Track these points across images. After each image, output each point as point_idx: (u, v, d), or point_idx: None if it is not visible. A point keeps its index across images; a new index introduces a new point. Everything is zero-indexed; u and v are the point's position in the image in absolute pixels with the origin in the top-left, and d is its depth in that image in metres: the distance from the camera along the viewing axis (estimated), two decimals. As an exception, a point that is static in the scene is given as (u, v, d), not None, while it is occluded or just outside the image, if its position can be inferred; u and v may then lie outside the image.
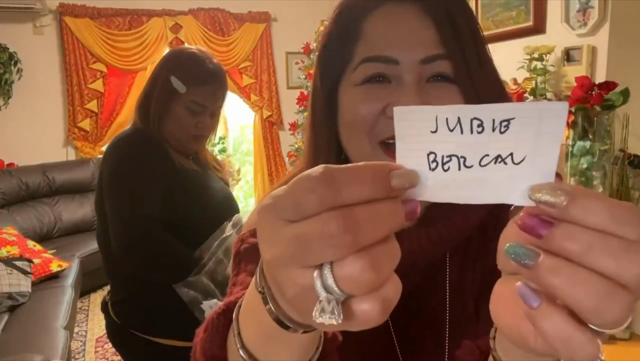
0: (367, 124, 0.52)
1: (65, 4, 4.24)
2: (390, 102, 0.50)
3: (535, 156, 0.30)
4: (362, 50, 0.52)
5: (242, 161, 5.92)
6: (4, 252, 3.06)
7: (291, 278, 0.28)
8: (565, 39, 3.04)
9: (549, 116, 0.29)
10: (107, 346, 2.98)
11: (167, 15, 4.60)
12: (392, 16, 0.51)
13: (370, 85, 0.52)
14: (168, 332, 1.29)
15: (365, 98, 0.52)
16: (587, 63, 2.94)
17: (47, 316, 2.58)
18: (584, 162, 2.79)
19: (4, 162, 4.07)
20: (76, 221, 4.08)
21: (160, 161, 1.25)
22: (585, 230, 0.26)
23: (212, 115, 1.33)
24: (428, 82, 0.51)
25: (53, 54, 4.32)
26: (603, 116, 2.74)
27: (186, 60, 1.31)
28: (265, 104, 5.09)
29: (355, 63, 0.52)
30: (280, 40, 5.14)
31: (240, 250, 0.60)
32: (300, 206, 0.27)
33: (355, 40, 0.52)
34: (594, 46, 2.93)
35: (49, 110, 4.35)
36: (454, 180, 0.31)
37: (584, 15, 2.94)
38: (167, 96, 1.27)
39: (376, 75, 0.51)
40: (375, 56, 0.51)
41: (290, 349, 0.36)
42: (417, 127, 0.31)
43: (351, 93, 0.53)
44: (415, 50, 0.50)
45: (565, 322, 0.27)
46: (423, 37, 0.50)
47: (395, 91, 0.51)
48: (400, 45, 0.50)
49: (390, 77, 0.51)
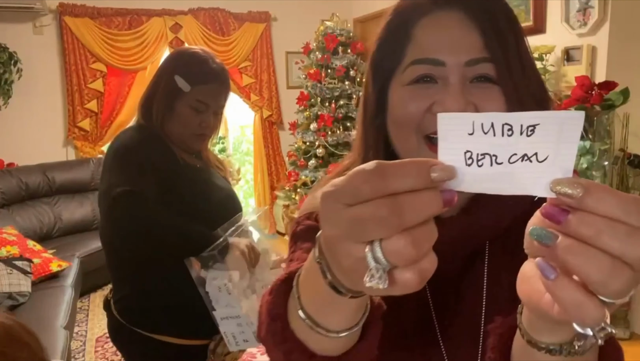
0: (415, 120, 0.57)
1: (65, 3, 4.24)
2: (436, 101, 0.56)
3: (556, 155, 0.35)
4: (411, 53, 0.57)
5: (242, 161, 5.93)
6: (4, 252, 3.06)
7: (347, 250, 0.35)
8: (565, 38, 3.04)
9: (568, 123, 0.35)
10: (107, 346, 2.99)
11: (167, 15, 4.60)
12: (440, 22, 0.56)
13: (418, 85, 0.57)
14: (170, 330, 1.30)
15: (414, 97, 0.57)
16: (587, 63, 2.94)
17: (47, 316, 2.58)
18: (584, 162, 2.79)
19: (4, 162, 4.07)
20: (76, 221, 4.08)
21: (160, 152, 1.27)
22: (596, 217, 0.32)
23: (215, 114, 1.35)
24: (472, 83, 0.56)
25: (53, 53, 4.33)
26: (603, 116, 2.74)
27: (190, 59, 1.32)
28: (265, 103, 5.10)
29: (404, 65, 0.57)
30: (280, 40, 5.14)
31: (297, 231, 0.68)
32: (357, 193, 0.34)
33: (405, 44, 0.57)
34: (594, 46, 2.92)
35: (48, 110, 4.35)
36: (487, 175, 0.37)
37: (584, 15, 2.93)
38: (171, 95, 1.29)
39: (424, 76, 0.56)
40: (424, 59, 0.56)
41: (340, 311, 0.43)
42: (457, 130, 0.37)
43: (400, 92, 0.58)
44: (460, 54, 0.55)
45: (577, 291, 0.33)
46: (468, 42, 0.55)
47: (441, 90, 0.55)
48: (446, 48, 0.55)
49: (437, 78, 0.56)
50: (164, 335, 1.29)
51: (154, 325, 1.30)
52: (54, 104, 4.37)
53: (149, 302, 1.30)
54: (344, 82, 4.71)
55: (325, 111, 4.69)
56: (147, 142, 1.26)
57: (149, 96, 1.33)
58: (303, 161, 4.82)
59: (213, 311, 1.19)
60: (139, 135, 1.28)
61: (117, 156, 1.22)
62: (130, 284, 1.33)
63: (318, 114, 4.70)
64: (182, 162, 1.30)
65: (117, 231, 1.19)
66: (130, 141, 1.26)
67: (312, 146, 4.76)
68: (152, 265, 1.29)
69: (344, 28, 4.81)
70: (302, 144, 4.83)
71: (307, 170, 4.77)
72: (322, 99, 4.74)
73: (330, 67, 4.72)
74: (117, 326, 1.35)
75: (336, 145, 4.69)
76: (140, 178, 1.17)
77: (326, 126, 4.69)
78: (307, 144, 4.80)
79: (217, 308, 1.17)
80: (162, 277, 1.28)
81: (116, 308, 1.34)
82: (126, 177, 1.16)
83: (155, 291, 1.29)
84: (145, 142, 1.26)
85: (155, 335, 1.29)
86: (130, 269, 1.32)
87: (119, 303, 1.34)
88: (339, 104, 4.70)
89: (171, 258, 1.24)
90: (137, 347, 1.33)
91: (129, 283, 1.33)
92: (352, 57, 4.72)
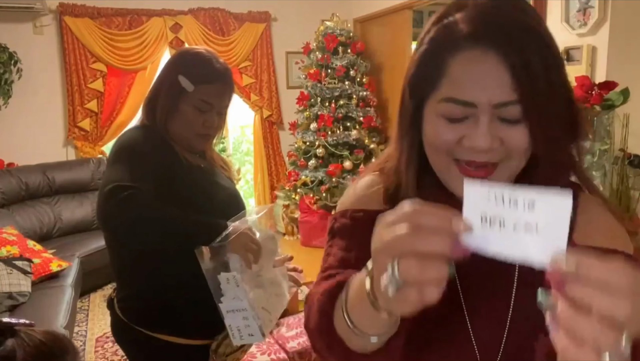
0: (446, 147, 0.63)
1: (65, 3, 4.24)
2: (466, 135, 0.61)
3: (551, 229, 0.43)
4: (446, 87, 0.61)
5: (242, 161, 5.93)
6: (4, 252, 3.06)
7: (381, 262, 0.47)
8: (565, 38, 3.03)
9: (557, 204, 0.43)
10: (107, 346, 2.99)
11: (167, 15, 4.60)
12: (474, 61, 0.59)
13: (451, 120, 0.62)
14: (173, 329, 1.30)
15: (447, 130, 0.62)
16: (587, 63, 2.94)
17: (47, 316, 2.59)
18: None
19: (4, 162, 4.07)
20: (76, 221, 4.08)
21: (162, 151, 1.27)
22: (588, 286, 0.39)
23: (219, 114, 1.35)
24: (501, 122, 0.60)
25: (53, 53, 4.33)
26: (603, 116, 2.74)
27: (194, 59, 1.33)
28: (265, 103, 5.10)
29: (439, 96, 0.62)
30: (280, 40, 5.14)
31: (334, 227, 0.76)
32: (392, 223, 0.46)
33: (441, 75, 0.62)
34: (594, 46, 2.92)
35: (49, 110, 4.35)
36: (495, 236, 0.46)
37: (584, 15, 2.93)
38: (175, 95, 1.29)
39: (454, 115, 0.62)
40: (458, 100, 0.60)
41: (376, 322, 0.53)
42: (477, 196, 0.47)
43: (435, 121, 0.64)
44: (491, 97, 0.59)
45: (570, 347, 0.40)
46: (498, 85, 0.58)
47: (471, 127, 0.61)
48: (478, 92, 0.59)
49: (468, 115, 0.61)
50: (167, 335, 1.29)
51: (157, 324, 1.30)
52: (54, 104, 4.37)
53: (152, 301, 1.30)
54: (344, 82, 4.71)
55: (325, 111, 4.69)
56: (149, 141, 1.26)
57: (153, 96, 1.33)
58: (303, 161, 4.82)
59: (219, 304, 1.18)
60: (142, 134, 1.29)
61: (117, 154, 1.22)
62: (134, 283, 1.33)
63: (318, 114, 4.70)
64: (185, 162, 1.30)
65: (106, 225, 1.17)
66: (133, 139, 1.26)
67: (312, 146, 4.76)
68: (156, 264, 1.29)
69: (344, 28, 4.80)
70: (302, 144, 4.83)
71: (307, 170, 4.77)
72: (322, 99, 4.74)
73: (330, 67, 4.72)
74: (120, 325, 1.35)
75: (336, 145, 4.69)
76: (137, 175, 1.16)
77: (326, 126, 4.69)
78: (307, 144, 4.80)
79: (224, 301, 1.16)
80: (166, 276, 1.28)
81: (119, 307, 1.34)
82: (122, 174, 1.15)
83: (159, 291, 1.29)
84: (147, 141, 1.26)
85: (158, 334, 1.29)
86: (133, 268, 1.32)
87: (123, 302, 1.34)
88: (339, 104, 4.70)
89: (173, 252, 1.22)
90: (140, 346, 1.33)
91: (133, 282, 1.33)
92: (352, 57, 4.72)
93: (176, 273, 1.27)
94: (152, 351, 1.31)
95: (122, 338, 1.39)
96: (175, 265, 1.28)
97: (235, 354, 1.39)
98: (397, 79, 5.20)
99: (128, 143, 1.25)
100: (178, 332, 1.30)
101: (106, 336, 3.10)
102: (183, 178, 1.28)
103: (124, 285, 1.36)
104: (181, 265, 1.27)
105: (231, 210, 1.34)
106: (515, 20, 0.59)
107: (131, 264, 1.32)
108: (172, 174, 1.26)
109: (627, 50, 2.87)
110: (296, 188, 4.83)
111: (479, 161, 0.61)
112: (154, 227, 1.15)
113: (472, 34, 0.59)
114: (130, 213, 1.11)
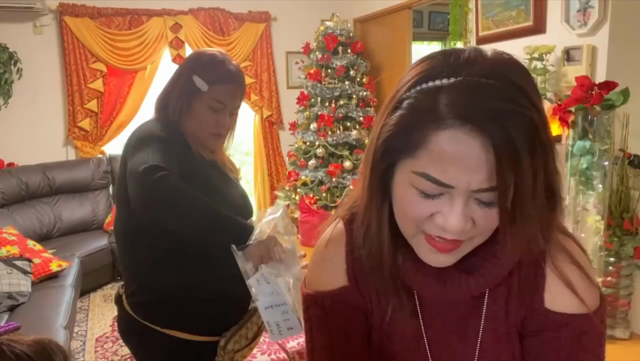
0: (416, 220, 0.61)
1: (65, 3, 4.24)
2: (440, 211, 0.59)
3: None
4: (424, 161, 0.57)
5: (242, 161, 5.93)
6: (4, 252, 3.06)
7: None
8: (565, 38, 3.03)
9: None
10: (107, 346, 2.99)
11: (167, 15, 4.60)
12: (458, 144, 0.54)
13: (424, 195, 0.59)
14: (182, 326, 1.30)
15: (418, 204, 0.59)
16: (587, 63, 2.94)
17: (47, 316, 2.58)
18: (584, 162, 2.79)
19: (4, 162, 4.07)
20: (76, 221, 4.08)
21: (179, 144, 1.29)
22: None
23: (231, 114, 1.40)
24: (476, 203, 0.58)
25: (53, 53, 4.32)
26: (603, 116, 2.73)
27: (208, 60, 1.37)
28: (265, 103, 5.10)
29: (416, 165, 0.58)
30: (280, 40, 5.14)
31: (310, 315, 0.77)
32: None
33: (421, 146, 0.57)
34: (594, 46, 2.92)
35: (48, 110, 4.35)
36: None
37: (584, 15, 2.93)
38: (188, 95, 1.33)
39: (429, 191, 0.58)
40: (436, 180, 0.57)
41: None
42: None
43: (407, 190, 0.60)
44: (471, 181, 0.55)
45: None
46: (480, 170, 0.55)
47: (445, 204, 0.58)
48: (458, 175, 0.55)
49: (444, 192, 0.58)
50: (175, 330, 1.29)
51: (166, 320, 1.30)
52: (54, 104, 4.37)
53: (161, 297, 1.30)
54: (344, 82, 4.71)
55: (325, 111, 4.69)
56: (169, 131, 1.29)
57: (166, 94, 1.37)
58: (303, 161, 4.82)
59: (257, 302, 1.19)
60: (161, 127, 1.31)
61: (143, 140, 1.23)
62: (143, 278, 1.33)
63: (318, 114, 4.70)
64: (198, 157, 1.34)
65: (146, 203, 1.13)
66: (156, 128, 1.29)
67: (312, 146, 4.76)
68: (168, 260, 1.29)
69: (344, 28, 4.81)
70: (302, 144, 4.83)
71: (307, 170, 4.77)
72: (322, 99, 4.74)
73: (330, 67, 4.72)
74: (128, 321, 1.35)
75: (336, 145, 4.69)
76: (167, 159, 1.17)
77: (326, 126, 4.69)
78: (307, 144, 4.80)
79: (260, 298, 1.17)
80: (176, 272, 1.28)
81: (129, 302, 1.34)
82: (153, 155, 1.16)
83: (169, 287, 1.30)
84: (167, 131, 1.28)
85: (167, 330, 1.29)
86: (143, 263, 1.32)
87: (131, 297, 1.34)
88: (339, 104, 4.70)
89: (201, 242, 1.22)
90: (147, 342, 1.33)
91: (142, 277, 1.33)
92: (352, 57, 4.72)
93: (188, 270, 1.28)
94: (160, 347, 1.31)
95: (129, 334, 1.39)
96: (188, 262, 1.28)
97: (243, 351, 1.39)
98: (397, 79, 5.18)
99: (152, 131, 1.27)
100: (187, 328, 1.30)
101: (106, 336, 3.10)
102: (199, 174, 1.30)
103: (132, 280, 1.35)
104: (193, 262, 1.28)
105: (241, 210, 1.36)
106: (507, 101, 0.53)
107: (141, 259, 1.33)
108: (190, 168, 1.28)
109: (627, 50, 2.87)
110: (296, 188, 4.83)
111: (448, 238, 0.59)
112: (195, 209, 1.15)
113: (459, 115, 0.54)
114: (174, 191, 1.12)
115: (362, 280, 0.72)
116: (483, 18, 3.69)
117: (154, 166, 1.13)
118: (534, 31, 3.25)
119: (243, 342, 1.36)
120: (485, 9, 3.66)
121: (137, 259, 1.34)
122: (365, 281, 0.71)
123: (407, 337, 0.72)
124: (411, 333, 0.71)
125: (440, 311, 0.70)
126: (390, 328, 0.72)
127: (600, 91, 2.68)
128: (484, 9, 3.67)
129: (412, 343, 0.72)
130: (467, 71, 0.56)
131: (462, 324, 0.69)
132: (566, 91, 2.96)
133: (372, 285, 0.71)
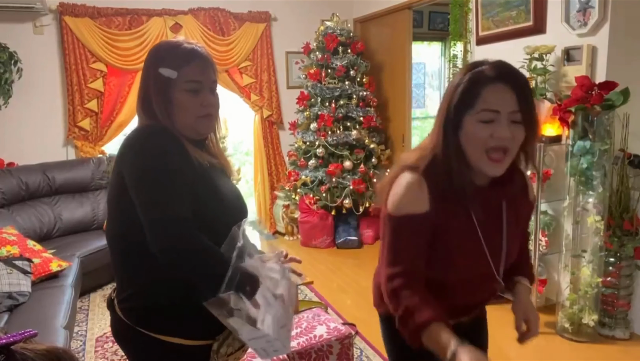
0: (481, 141, 1.10)
1: (65, 3, 4.25)
2: (495, 131, 1.08)
3: None
4: (481, 105, 1.09)
5: (242, 161, 5.93)
6: (4, 251, 3.06)
7: None
8: (565, 38, 3.03)
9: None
10: (107, 346, 2.99)
11: (167, 15, 4.60)
12: (497, 90, 1.09)
13: (484, 122, 1.09)
14: (175, 330, 1.29)
15: (482, 130, 1.09)
16: (587, 63, 2.94)
17: (47, 316, 2.58)
18: (584, 162, 2.78)
19: (4, 162, 4.07)
20: (76, 221, 4.08)
21: (180, 154, 1.27)
22: None
23: (212, 91, 1.37)
24: (511, 124, 1.09)
25: (53, 53, 4.33)
26: (603, 116, 2.73)
27: (165, 48, 1.36)
28: (265, 103, 5.09)
29: (477, 109, 1.09)
30: (280, 40, 5.14)
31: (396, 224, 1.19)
32: None
33: (477, 98, 1.09)
34: (594, 46, 2.92)
35: (48, 110, 4.35)
36: None
37: (584, 15, 2.93)
38: (163, 87, 1.31)
39: (488, 119, 1.09)
40: (490, 110, 1.09)
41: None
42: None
43: (474, 125, 1.10)
44: (507, 108, 1.08)
45: None
46: (510, 102, 1.08)
47: (497, 125, 1.09)
48: (500, 105, 1.09)
49: (494, 119, 1.09)
50: (168, 336, 1.29)
51: (158, 325, 1.29)
52: (54, 104, 4.37)
53: (153, 302, 1.30)
54: (344, 82, 4.71)
55: (325, 111, 4.69)
56: (167, 145, 1.26)
57: (144, 96, 1.34)
58: (303, 161, 4.82)
59: (240, 336, 1.19)
60: (156, 128, 1.30)
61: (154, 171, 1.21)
62: (135, 283, 1.32)
63: (318, 114, 4.70)
64: (196, 163, 1.31)
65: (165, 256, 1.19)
66: (162, 149, 1.25)
67: (312, 146, 4.76)
68: (158, 265, 1.29)
69: (344, 28, 4.81)
70: (302, 144, 4.83)
71: (307, 170, 4.77)
72: (322, 99, 4.75)
73: (330, 67, 4.72)
74: (120, 325, 1.34)
75: (336, 145, 4.69)
76: (182, 200, 1.19)
77: (326, 126, 4.69)
78: (307, 144, 4.80)
79: (242, 333, 1.17)
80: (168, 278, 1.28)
81: (120, 307, 1.34)
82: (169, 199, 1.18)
83: (160, 292, 1.29)
84: (166, 146, 1.26)
85: (159, 335, 1.29)
86: (135, 268, 1.32)
87: (124, 302, 1.34)
88: (339, 104, 4.70)
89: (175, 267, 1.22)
90: (141, 347, 1.33)
91: (134, 282, 1.33)
92: (352, 57, 4.72)
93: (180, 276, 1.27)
94: (153, 351, 1.31)
95: (122, 339, 1.39)
96: None
97: (237, 353, 1.39)
98: (397, 79, 5.22)
99: (152, 148, 1.24)
100: (180, 333, 1.29)
101: (106, 336, 3.10)
102: (197, 179, 1.28)
103: (125, 285, 1.35)
104: None
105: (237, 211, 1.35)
106: (517, 73, 1.11)
107: (133, 265, 1.32)
108: (193, 177, 1.26)
109: (627, 51, 2.87)
110: (296, 188, 4.83)
111: (501, 146, 1.08)
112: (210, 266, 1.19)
113: (496, 76, 1.09)
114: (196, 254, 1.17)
115: (438, 205, 1.13)
116: (483, 18, 3.69)
117: (174, 220, 1.16)
118: (534, 31, 3.25)
119: (236, 345, 1.35)
120: (485, 9, 3.66)
121: (129, 265, 1.33)
122: (440, 206, 1.13)
123: (465, 235, 1.16)
124: (469, 232, 1.16)
125: (484, 218, 1.17)
126: (455, 233, 1.16)
127: (600, 91, 2.68)
128: (484, 9, 3.67)
129: (471, 237, 1.16)
130: (494, 62, 1.12)
131: (497, 223, 1.21)
132: (566, 91, 2.96)
133: (446, 207, 1.14)
